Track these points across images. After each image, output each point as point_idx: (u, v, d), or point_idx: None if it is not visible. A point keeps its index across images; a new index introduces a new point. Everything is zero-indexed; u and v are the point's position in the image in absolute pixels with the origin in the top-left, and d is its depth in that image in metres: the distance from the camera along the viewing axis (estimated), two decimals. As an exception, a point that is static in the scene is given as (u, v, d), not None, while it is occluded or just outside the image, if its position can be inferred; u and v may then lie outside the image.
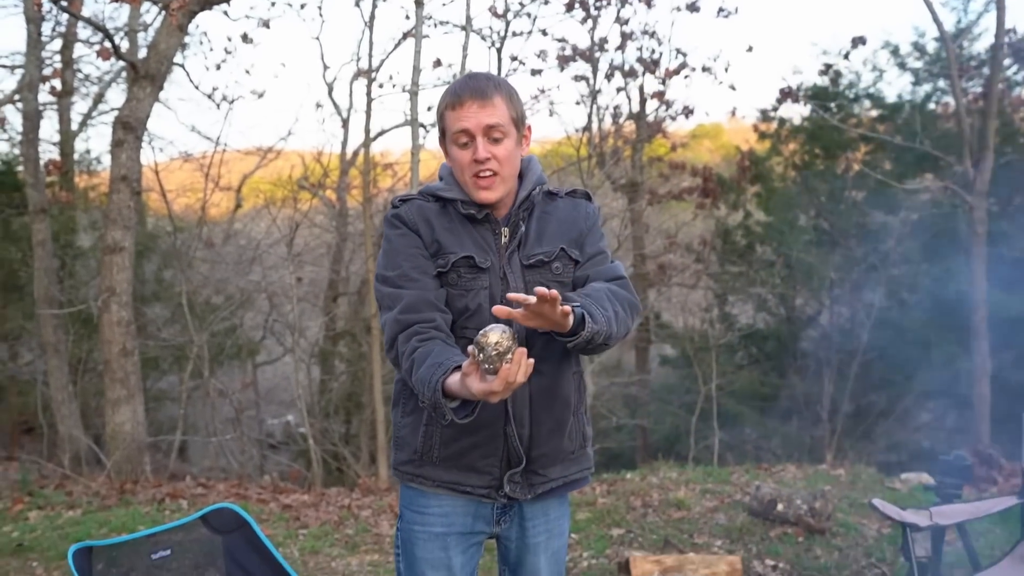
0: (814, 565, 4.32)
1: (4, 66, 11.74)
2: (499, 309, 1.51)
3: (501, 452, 1.90)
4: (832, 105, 11.49)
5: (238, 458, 11.68)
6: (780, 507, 4.77)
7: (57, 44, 11.42)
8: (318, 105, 13.59)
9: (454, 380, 1.59)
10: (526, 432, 1.90)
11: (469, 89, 1.84)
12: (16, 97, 10.62)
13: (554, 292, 1.46)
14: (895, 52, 11.72)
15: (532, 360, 1.50)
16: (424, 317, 1.83)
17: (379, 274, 1.97)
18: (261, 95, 13.21)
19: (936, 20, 9.09)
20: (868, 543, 4.62)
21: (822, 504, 4.72)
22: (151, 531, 2.77)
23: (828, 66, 11.59)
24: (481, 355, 1.50)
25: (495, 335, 1.48)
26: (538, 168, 2.03)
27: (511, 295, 1.55)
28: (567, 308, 1.54)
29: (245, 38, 11.83)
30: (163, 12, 7.03)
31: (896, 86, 12.05)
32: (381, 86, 11.59)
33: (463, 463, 1.92)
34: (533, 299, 1.49)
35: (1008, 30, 8.55)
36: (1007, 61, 9.82)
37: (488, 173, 1.84)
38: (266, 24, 11.38)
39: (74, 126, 13.52)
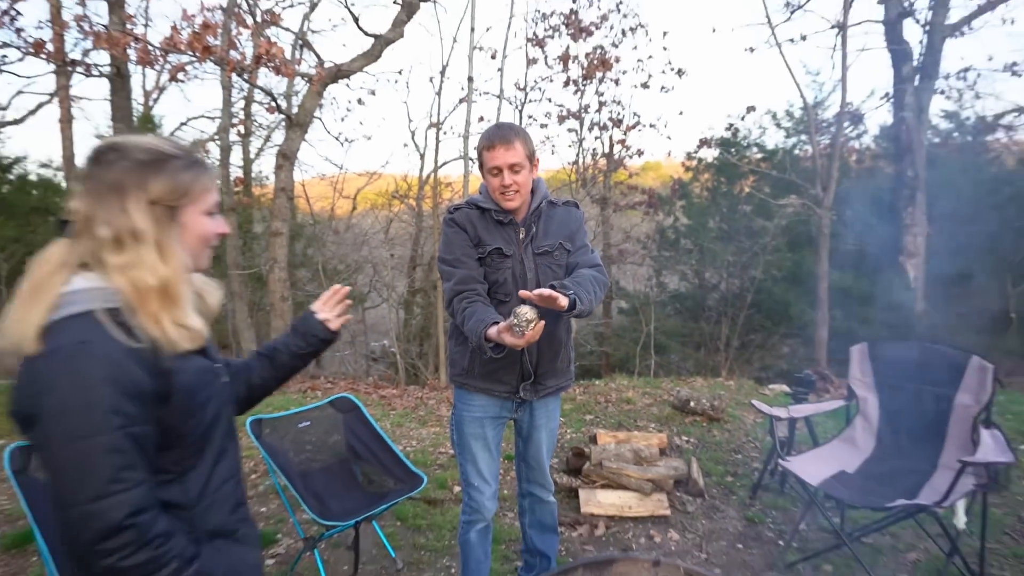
0: (712, 440, 4.44)
1: (207, 116, 11.71)
2: (524, 293, 1.68)
3: (517, 371, 2.01)
4: (732, 150, 11.47)
5: (353, 366, 11.95)
6: (692, 404, 4.91)
7: (241, 103, 11.52)
8: (405, 144, 13.75)
9: (492, 331, 1.75)
10: (534, 359, 2.02)
11: (498, 137, 1.86)
12: (215, 137, 10.80)
13: (554, 293, 1.63)
14: (774, 116, 11.66)
15: (544, 322, 1.67)
16: (470, 288, 1.92)
17: (440, 256, 2.02)
18: (369, 138, 13.54)
19: (802, 96, 9.08)
20: (747, 428, 4.74)
21: (719, 403, 4.86)
22: (298, 409, 2.86)
23: (731, 124, 11.54)
24: (515, 322, 1.67)
25: (525, 312, 1.65)
26: (544, 187, 2.05)
27: (523, 293, 1.68)
28: (563, 302, 1.65)
29: (360, 101, 12.01)
30: (308, 83, 7.13)
31: (773, 138, 11.97)
32: (444, 133, 11.90)
33: (493, 377, 2.03)
34: (546, 292, 1.64)
35: (848, 103, 8.52)
36: (846, 123, 9.76)
37: (511, 193, 1.90)
38: (372, 92, 11.49)
39: (252, 155, 13.64)
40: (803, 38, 9.09)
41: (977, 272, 8.72)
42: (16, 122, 14.46)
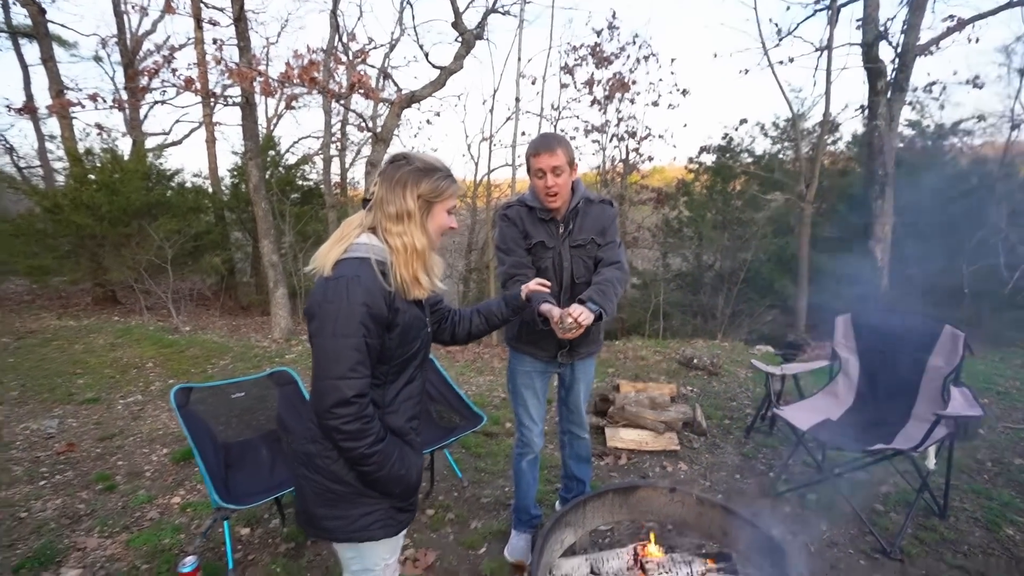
0: (712, 391, 4.31)
1: (313, 136, 11.74)
2: (572, 310, 1.64)
3: (555, 340, 1.90)
4: (727, 154, 10.96)
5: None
6: (695, 361, 4.78)
7: (338, 124, 11.53)
8: (463, 154, 13.58)
9: (545, 307, 1.70)
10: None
11: (543, 144, 1.76)
12: (319, 151, 10.80)
13: (583, 320, 1.60)
14: (762, 127, 11.06)
15: (584, 328, 1.63)
16: (521, 272, 1.85)
17: (497, 244, 1.95)
18: (436, 150, 13.23)
19: (790, 108, 8.50)
20: (740, 381, 4.59)
21: (717, 360, 4.73)
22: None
23: (726, 134, 11.00)
24: (562, 324, 1.59)
25: (571, 317, 1.60)
26: (582, 187, 1.89)
27: (572, 309, 1.63)
28: (587, 321, 1.62)
29: (428, 121, 12.06)
30: (389, 106, 7.05)
31: (761, 145, 11.38)
32: (494, 145, 11.70)
33: (537, 343, 1.97)
34: (581, 318, 1.63)
35: (829, 114, 7.93)
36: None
37: (554, 192, 1.78)
38: (438, 114, 11.40)
39: (347, 165, 13.71)
40: (791, 60, 8.51)
41: (935, 255, 8.13)
42: (176, 143, 14.97)
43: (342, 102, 6.89)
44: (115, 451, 3.21)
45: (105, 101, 5.91)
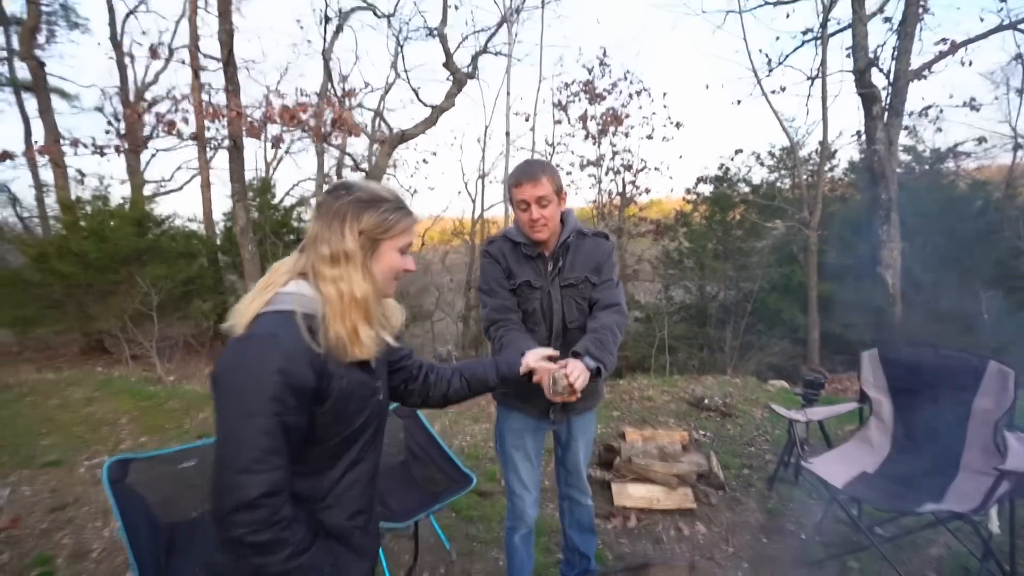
0: (727, 435, 3.99)
1: (311, 179, 11.66)
2: (567, 369, 1.39)
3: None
4: (724, 184, 10.92)
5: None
6: (706, 401, 4.44)
7: (334, 165, 11.54)
8: (459, 192, 13.60)
9: (530, 363, 1.43)
10: None
11: (526, 174, 1.54)
12: (314, 194, 10.69)
13: (578, 384, 1.35)
14: (757, 156, 11.05)
15: (578, 395, 1.40)
16: (505, 317, 1.63)
17: (479, 285, 1.74)
18: (433, 188, 13.34)
19: (788, 136, 8.48)
20: (757, 422, 4.27)
21: (731, 400, 4.39)
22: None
23: (722, 164, 11.00)
24: (554, 385, 1.32)
25: (564, 380, 1.32)
26: (573, 219, 1.68)
27: (568, 370, 1.38)
28: (583, 383, 1.37)
29: (424, 161, 11.84)
30: (379, 146, 7.00)
31: (758, 174, 11.38)
32: (490, 181, 11.59)
33: (526, 398, 1.72)
34: (556, 353, 1.43)
35: (826, 140, 7.87)
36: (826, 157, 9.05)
37: (540, 226, 1.58)
38: (434, 153, 11.42)
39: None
40: (783, 89, 8.53)
41: (947, 279, 7.88)
42: (177, 190, 14.99)
43: (331, 142, 6.84)
44: (64, 525, 2.88)
45: (87, 146, 5.84)
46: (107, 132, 10.93)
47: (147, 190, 12.72)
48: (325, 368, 0.92)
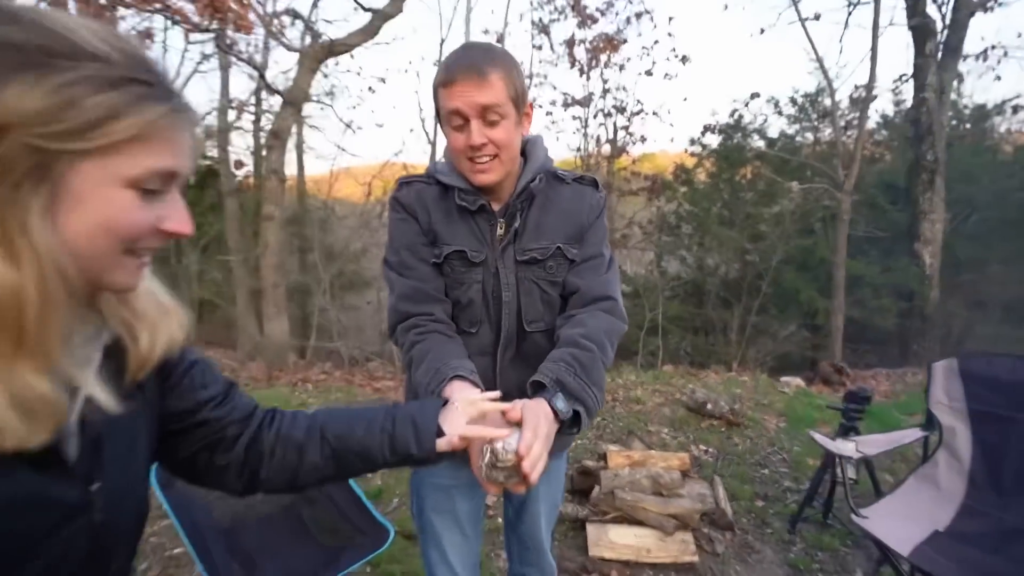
0: (734, 451, 3.71)
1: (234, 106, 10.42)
2: (510, 413, 0.93)
3: None
4: (736, 136, 10.62)
5: (361, 351, 10.95)
6: (709, 406, 4.12)
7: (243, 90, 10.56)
8: (411, 130, 12.86)
9: (451, 393, 0.98)
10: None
11: (463, 66, 1.05)
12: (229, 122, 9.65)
13: (532, 470, 0.84)
14: (776, 104, 10.73)
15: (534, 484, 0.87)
16: (421, 310, 1.16)
17: (385, 257, 1.24)
18: (381, 125, 12.51)
19: (825, 75, 8.04)
20: (770, 435, 4.00)
21: (739, 406, 4.09)
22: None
23: (735, 111, 10.66)
24: (490, 468, 0.87)
25: (512, 456, 0.83)
26: (542, 152, 1.21)
27: (510, 413, 0.92)
28: (539, 466, 0.85)
29: (371, 90, 11.10)
30: (300, 58, 6.23)
31: (777, 125, 11.10)
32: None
33: None
34: (497, 394, 0.96)
35: (874, 78, 7.45)
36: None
37: (485, 159, 1.09)
38: (382, 80, 10.60)
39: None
40: (816, 17, 8.12)
41: (992, 259, 7.81)
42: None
43: (233, 51, 6.01)
44: None
45: None
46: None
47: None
48: None
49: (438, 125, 1.14)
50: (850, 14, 8.02)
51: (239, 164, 9.59)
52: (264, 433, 0.79)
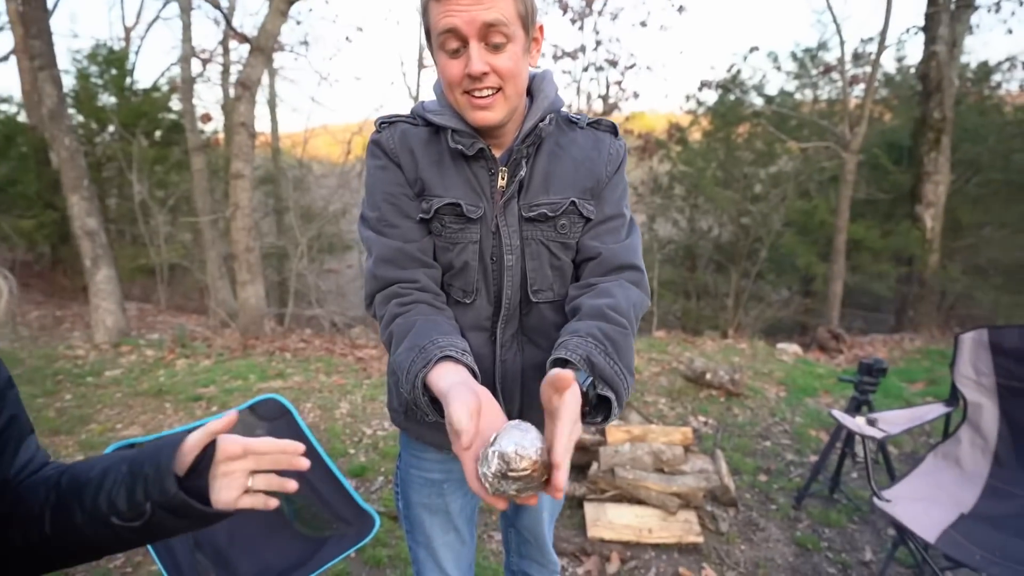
0: (734, 422, 3.64)
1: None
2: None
3: None
4: (735, 92, 10.33)
5: (341, 318, 10.72)
6: (708, 376, 4.02)
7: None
8: (392, 83, 12.33)
9: (438, 379, 0.80)
10: (515, 407, 1.09)
11: None
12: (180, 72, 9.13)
13: (561, 484, 0.65)
14: (775, 58, 10.42)
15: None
16: (404, 276, 0.98)
17: (361, 213, 1.05)
18: (359, 79, 11.99)
19: (836, 25, 7.67)
20: (771, 404, 3.94)
21: (739, 376, 3.98)
22: (193, 424, 1.79)
23: (732, 65, 10.34)
24: (504, 468, 0.67)
25: (528, 462, 0.63)
26: (553, 88, 1.04)
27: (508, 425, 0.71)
28: (564, 473, 0.66)
29: (348, 39, 10.57)
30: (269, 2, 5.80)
31: (776, 82, 10.81)
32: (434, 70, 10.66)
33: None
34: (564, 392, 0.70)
35: (887, 25, 7.17)
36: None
37: (487, 92, 0.91)
38: (360, 29, 10.11)
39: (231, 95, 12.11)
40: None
41: (992, 223, 7.75)
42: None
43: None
44: None
45: None
46: None
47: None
48: None
49: (431, 52, 0.94)
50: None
51: (207, 118, 9.16)
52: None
